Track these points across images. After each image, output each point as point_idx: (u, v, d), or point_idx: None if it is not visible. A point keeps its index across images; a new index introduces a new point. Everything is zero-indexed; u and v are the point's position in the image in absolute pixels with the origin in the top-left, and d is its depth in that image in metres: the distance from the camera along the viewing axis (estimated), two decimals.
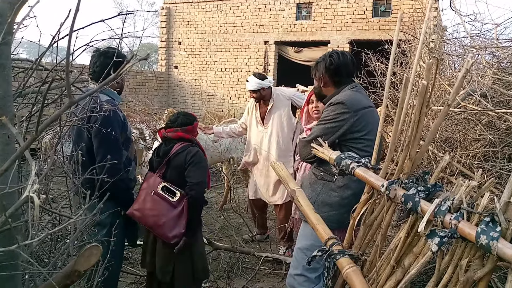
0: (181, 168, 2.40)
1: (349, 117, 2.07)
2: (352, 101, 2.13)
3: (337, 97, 2.15)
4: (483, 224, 1.03)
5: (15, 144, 0.99)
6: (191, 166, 2.38)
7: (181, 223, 2.32)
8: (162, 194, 2.33)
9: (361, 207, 1.49)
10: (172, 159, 2.43)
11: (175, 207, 2.32)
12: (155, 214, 2.30)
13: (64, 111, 0.77)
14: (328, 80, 2.30)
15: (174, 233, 2.30)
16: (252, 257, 3.80)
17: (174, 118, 2.56)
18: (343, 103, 2.09)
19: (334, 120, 2.07)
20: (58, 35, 1.18)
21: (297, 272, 2.22)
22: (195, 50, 13.86)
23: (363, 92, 2.34)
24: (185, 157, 2.40)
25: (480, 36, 4.43)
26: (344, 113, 2.07)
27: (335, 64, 2.27)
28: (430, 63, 1.13)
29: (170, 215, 2.30)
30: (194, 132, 2.56)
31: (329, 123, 2.08)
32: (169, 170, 2.45)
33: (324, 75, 2.29)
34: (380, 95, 5.21)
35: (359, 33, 11.03)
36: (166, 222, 2.29)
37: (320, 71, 2.31)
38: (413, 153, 1.26)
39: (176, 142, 2.47)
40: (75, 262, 0.93)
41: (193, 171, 2.38)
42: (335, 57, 2.29)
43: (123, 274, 3.31)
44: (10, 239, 0.92)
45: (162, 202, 2.32)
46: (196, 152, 2.42)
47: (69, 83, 0.70)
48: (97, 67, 2.31)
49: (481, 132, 3.41)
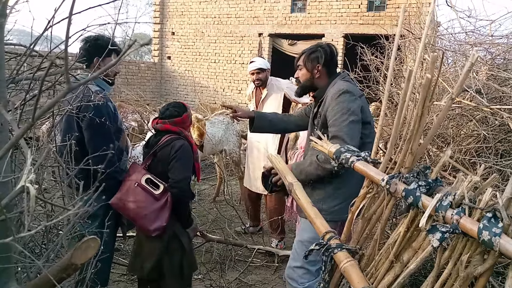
0: (166, 162, 2.37)
1: (360, 102, 2.13)
2: (353, 87, 2.20)
3: (339, 87, 2.16)
4: (485, 220, 1.02)
5: (8, 132, 0.95)
6: (174, 161, 2.35)
7: (163, 216, 2.29)
8: (145, 186, 2.30)
9: (360, 201, 1.48)
10: (158, 152, 2.41)
11: (158, 200, 2.29)
12: (137, 206, 2.27)
13: (62, 97, 0.74)
14: (325, 71, 2.31)
15: (155, 226, 2.27)
16: (245, 250, 3.80)
17: (164, 109, 2.51)
18: (348, 91, 2.12)
19: (351, 110, 2.07)
20: (53, 20, 1.14)
21: (297, 264, 2.21)
22: (189, 41, 13.72)
23: (352, 81, 2.39)
24: (170, 151, 2.36)
25: (474, 32, 4.43)
26: (355, 99, 2.11)
27: (330, 55, 2.30)
28: (435, 57, 1.12)
29: (152, 208, 2.27)
30: (184, 124, 2.50)
31: (351, 115, 2.06)
32: (154, 162, 2.43)
33: (320, 66, 2.29)
34: (375, 89, 5.21)
35: (354, 27, 11.01)
36: (148, 215, 2.26)
37: (314, 62, 2.30)
38: (415, 147, 1.25)
39: (165, 134, 2.44)
40: (72, 255, 0.91)
41: (175, 168, 2.35)
42: (328, 48, 2.32)
43: (115, 266, 3.29)
44: (4, 231, 0.89)
45: (144, 194, 2.28)
46: (180, 147, 2.37)
47: (68, 69, 0.67)
48: (91, 49, 2.26)
49: (475, 128, 3.43)
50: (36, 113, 0.70)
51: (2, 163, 0.88)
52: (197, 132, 4.48)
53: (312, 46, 2.39)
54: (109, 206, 2.24)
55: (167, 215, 2.30)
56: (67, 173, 1.55)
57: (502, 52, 3.98)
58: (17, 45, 1.45)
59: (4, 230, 0.89)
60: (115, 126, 2.35)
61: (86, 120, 2.13)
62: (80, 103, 1.96)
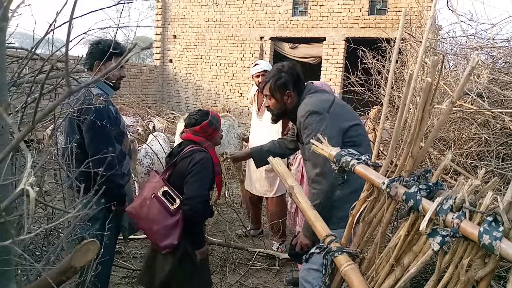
0: (183, 175, 2.22)
1: (329, 118, 2.05)
2: (318, 103, 2.10)
3: (305, 108, 2.10)
4: (486, 224, 1.02)
5: (9, 134, 0.96)
6: (190, 175, 2.19)
7: (175, 233, 2.13)
8: (161, 198, 2.17)
9: (360, 204, 1.48)
10: (178, 163, 2.27)
11: (172, 216, 2.15)
12: (150, 218, 2.15)
13: (62, 101, 0.74)
14: (295, 93, 2.24)
15: (166, 243, 2.13)
16: (246, 253, 3.79)
17: (187, 117, 2.39)
18: (313, 112, 2.05)
19: (319, 132, 1.99)
20: (54, 23, 1.15)
21: (312, 266, 2.18)
22: (190, 44, 13.76)
23: (316, 87, 2.29)
24: (188, 164, 2.21)
25: (476, 36, 4.44)
26: (322, 119, 2.03)
27: (297, 76, 2.23)
28: (436, 60, 1.12)
29: (164, 223, 2.13)
30: (205, 133, 2.31)
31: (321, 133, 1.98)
32: (173, 173, 2.30)
33: (291, 91, 2.22)
34: (376, 92, 5.21)
35: (355, 31, 11.02)
36: (160, 230, 2.13)
37: (282, 89, 2.23)
38: (415, 151, 1.25)
39: (188, 144, 2.30)
40: (71, 257, 0.91)
41: (190, 183, 2.18)
42: (292, 70, 2.24)
43: (116, 268, 3.29)
44: (4, 234, 0.89)
45: (159, 207, 2.15)
46: (199, 160, 2.20)
47: (68, 72, 0.68)
48: (93, 53, 2.28)
49: (476, 131, 3.42)
50: (37, 116, 0.70)
51: (3, 165, 0.88)
52: None
53: (273, 71, 2.28)
54: (109, 209, 2.24)
55: (179, 232, 2.14)
56: (68, 176, 1.55)
57: (503, 56, 3.98)
58: (18, 48, 1.46)
59: (3, 233, 0.89)
60: (117, 130, 2.35)
61: (87, 123, 2.13)
62: (82, 106, 1.97)
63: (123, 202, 2.35)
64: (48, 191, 2.15)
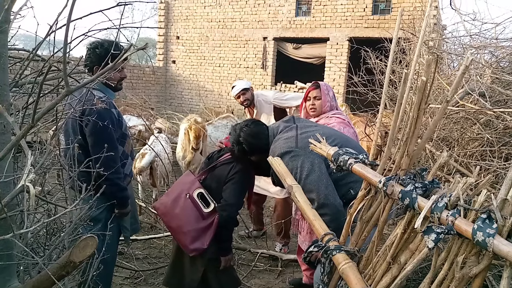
0: (221, 180, 2.23)
1: (300, 153, 2.01)
2: (284, 143, 2.07)
3: (275, 151, 2.09)
4: (480, 221, 1.03)
5: (11, 133, 0.98)
6: (230, 182, 2.20)
7: (205, 238, 2.12)
8: (196, 200, 2.15)
9: (358, 203, 1.49)
10: (216, 167, 2.28)
11: (205, 219, 2.13)
12: (182, 219, 2.12)
13: (61, 100, 0.77)
14: (262, 155, 2.19)
15: (195, 246, 2.11)
16: (248, 254, 3.80)
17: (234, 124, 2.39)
18: (285, 153, 2.03)
19: (298, 165, 1.97)
20: (55, 25, 1.17)
21: None
22: (193, 45, 13.79)
23: (273, 128, 2.26)
24: (229, 170, 2.22)
25: (479, 35, 4.43)
26: (294, 157, 2.00)
27: (254, 147, 2.20)
28: (430, 60, 1.13)
29: (196, 226, 2.12)
30: None
31: (302, 172, 1.96)
32: (210, 178, 2.29)
33: (257, 155, 2.22)
34: (379, 92, 5.21)
35: (359, 31, 11.01)
36: (191, 232, 2.11)
37: (244, 156, 2.22)
38: (411, 149, 1.26)
39: (229, 150, 2.31)
40: (71, 253, 0.93)
41: (231, 189, 2.18)
42: (249, 140, 2.19)
43: (118, 269, 3.31)
44: (6, 229, 0.91)
45: (192, 209, 2.13)
46: (241, 169, 2.21)
47: (66, 72, 0.70)
48: (91, 58, 2.28)
49: (479, 131, 3.42)
50: (36, 114, 0.72)
51: (4, 163, 0.90)
52: (193, 134, 4.53)
53: (234, 138, 2.23)
54: (111, 210, 2.25)
55: (209, 237, 2.13)
56: (70, 176, 1.58)
57: (506, 55, 3.97)
58: (20, 49, 1.48)
59: (5, 228, 0.92)
60: (120, 132, 2.36)
61: (89, 127, 2.13)
62: (83, 107, 1.98)
63: (126, 205, 2.35)
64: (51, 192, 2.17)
